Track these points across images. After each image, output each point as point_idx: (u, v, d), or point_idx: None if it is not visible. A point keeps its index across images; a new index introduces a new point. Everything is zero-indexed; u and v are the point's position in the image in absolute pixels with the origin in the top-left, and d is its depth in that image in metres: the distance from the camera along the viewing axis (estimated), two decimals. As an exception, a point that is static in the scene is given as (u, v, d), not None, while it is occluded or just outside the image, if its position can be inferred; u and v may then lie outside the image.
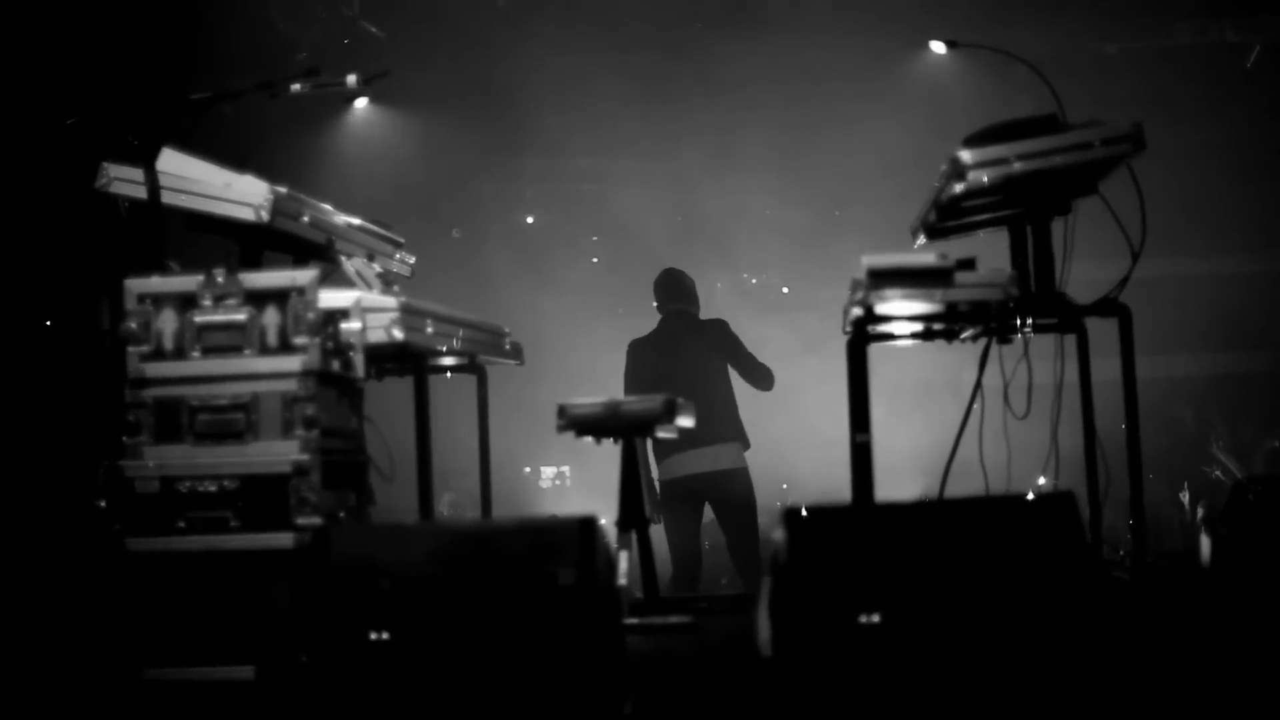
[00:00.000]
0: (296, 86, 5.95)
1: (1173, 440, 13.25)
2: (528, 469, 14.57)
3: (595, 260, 15.40)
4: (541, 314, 12.73)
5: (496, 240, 14.60)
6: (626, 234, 14.60)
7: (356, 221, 5.97)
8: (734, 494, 9.10)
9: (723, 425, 9.01)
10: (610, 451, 6.45)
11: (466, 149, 13.54)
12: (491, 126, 13.49)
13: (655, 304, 9.60)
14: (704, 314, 9.53)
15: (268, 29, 11.87)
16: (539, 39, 12.31)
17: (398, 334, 5.22)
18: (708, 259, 14.70)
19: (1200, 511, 11.69)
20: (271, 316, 4.76)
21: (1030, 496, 4.35)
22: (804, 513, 4.11)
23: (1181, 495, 12.21)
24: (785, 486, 13.53)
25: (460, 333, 5.95)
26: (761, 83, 13.01)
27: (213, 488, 4.72)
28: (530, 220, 15.47)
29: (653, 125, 13.53)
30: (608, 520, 5.74)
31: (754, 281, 15.52)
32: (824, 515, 4.14)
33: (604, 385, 8.72)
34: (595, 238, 15.42)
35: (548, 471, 14.67)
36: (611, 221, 14.82)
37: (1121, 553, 6.32)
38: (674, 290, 9.55)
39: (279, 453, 4.72)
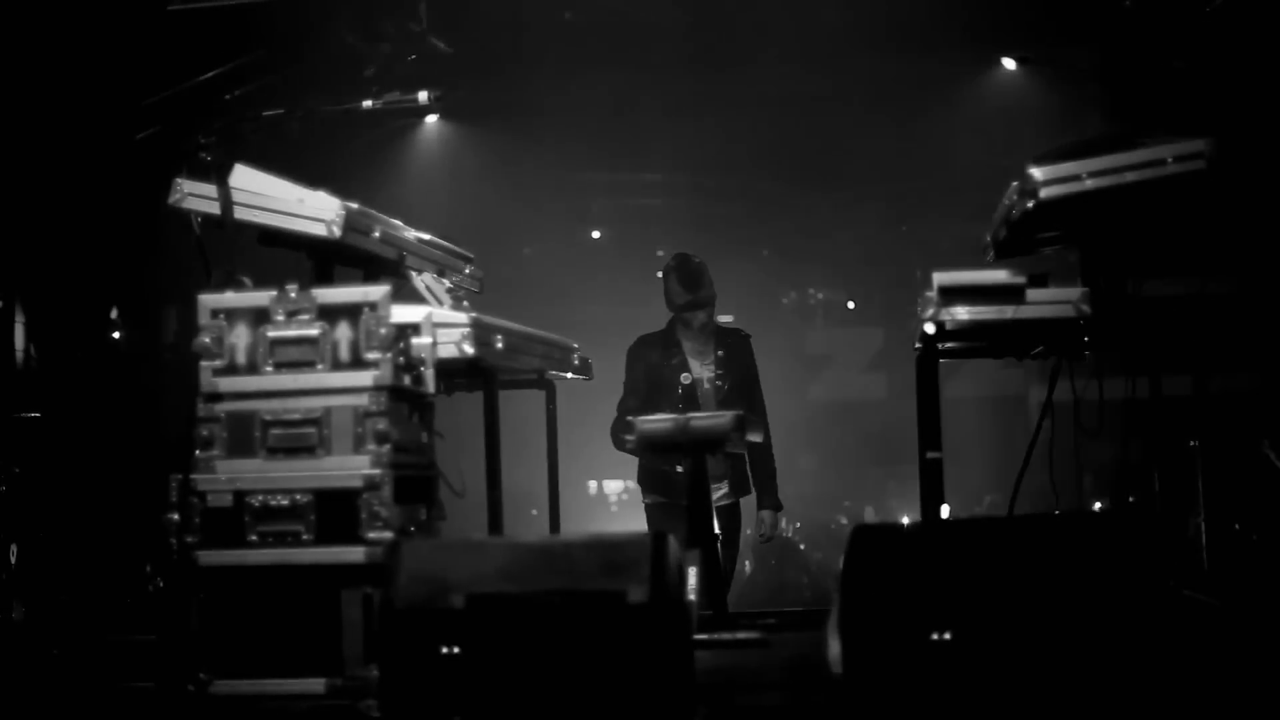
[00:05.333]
0: (368, 103, 5.98)
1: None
2: (593, 483, 14.59)
3: (660, 275, 15.40)
4: (608, 329, 12.75)
5: (563, 255, 14.64)
6: (692, 249, 14.61)
7: (426, 237, 5.98)
8: None
9: None
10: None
11: (533, 164, 13.58)
12: (558, 141, 13.53)
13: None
14: (758, 325, 8.99)
15: (337, 45, 11.92)
16: (604, 54, 12.33)
17: (469, 349, 5.23)
18: (774, 273, 14.71)
19: None
20: (344, 331, 4.78)
21: (1101, 511, 4.33)
22: (873, 530, 4.10)
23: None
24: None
25: (528, 347, 5.96)
26: (828, 99, 13.00)
27: (285, 501, 4.74)
28: (596, 235, 15.52)
29: (718, 141, 13.55)
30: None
31: (820, 296, 15.52)
32: (893, 532, 4.12)
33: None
34: (660, 252, 15.42)
35: (613, 486, 14.68)
36: (677, 236, 14.84)
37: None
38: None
39: (351, 467, 4.74)
